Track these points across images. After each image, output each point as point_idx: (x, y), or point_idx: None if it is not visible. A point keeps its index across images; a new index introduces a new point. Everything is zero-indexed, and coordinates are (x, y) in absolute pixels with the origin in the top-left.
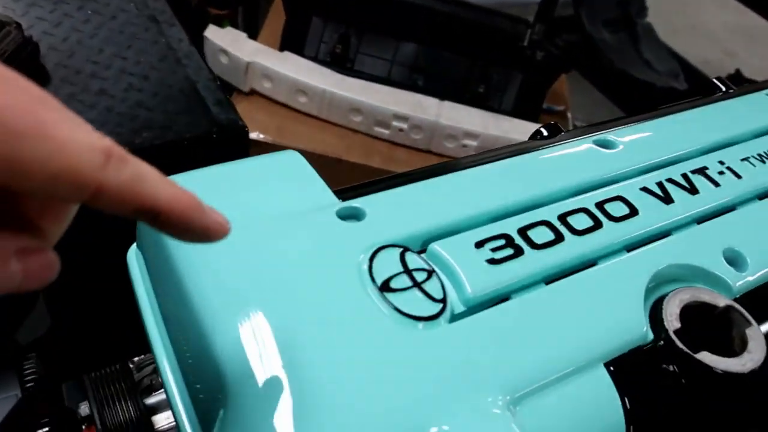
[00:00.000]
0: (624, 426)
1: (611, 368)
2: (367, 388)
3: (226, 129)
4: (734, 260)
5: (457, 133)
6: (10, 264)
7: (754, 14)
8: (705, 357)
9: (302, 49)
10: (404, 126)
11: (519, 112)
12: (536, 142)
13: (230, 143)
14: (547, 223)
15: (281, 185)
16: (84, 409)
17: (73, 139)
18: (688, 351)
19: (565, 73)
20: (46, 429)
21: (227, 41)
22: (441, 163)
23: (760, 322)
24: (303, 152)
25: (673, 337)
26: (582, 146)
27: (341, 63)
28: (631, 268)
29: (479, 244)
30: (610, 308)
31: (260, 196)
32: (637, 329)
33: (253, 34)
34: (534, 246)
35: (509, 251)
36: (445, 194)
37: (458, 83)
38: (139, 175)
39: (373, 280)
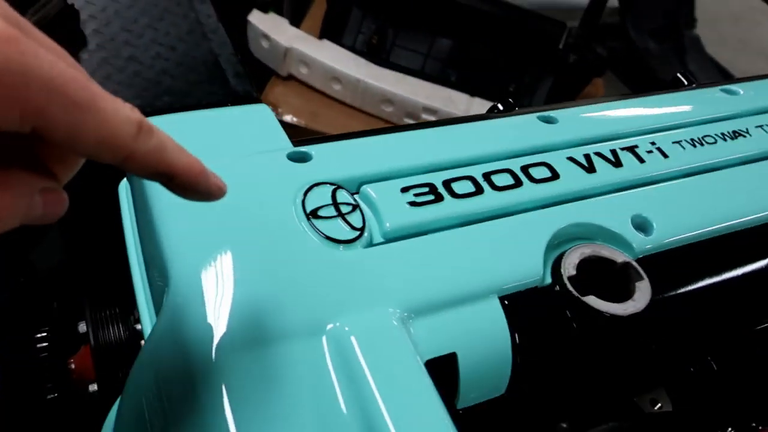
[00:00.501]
0: (510, 356)
1: (505, 302)
2: (287, 289)
3: (240, 99)
4: (642, 225)
5: None
6: (35, 199)
7: None
8: (591, 300)
9: (341, 38)
10: (433, 119)
11: None
12: (487, 114)
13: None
14: (470, 178)
15: (246, 131)
16: (81, 327)
17: (116, 112)
18: (577, 294)
19: (597, 77)
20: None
21: (269, 26)
22: (394, 125)
23: (653, 279)
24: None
25: (566, 282)
26: (525, 120)
27: (377, 54)
28: (541, 221)
29: (405, 189)
30: (514, 251)
31: (226, 139)
32: (534, 271)
33: (297, 22)
34: (454, 195)
35: (430, 197)
36: (386, 148)
37: (490, 81)
38: (162, 145)
39: (304, 209)
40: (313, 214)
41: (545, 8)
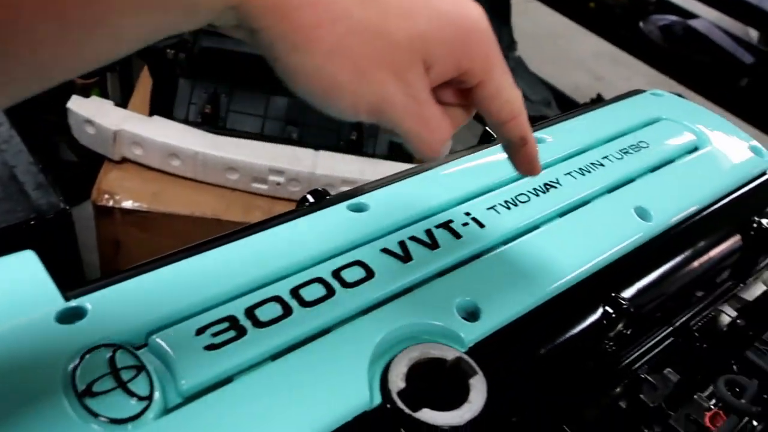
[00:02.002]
0: None
1: None
2: None
3: (45, 213)
4: (468, 311)
5: (335, 181)
6: (450, 125)
7: None
8: (425, 415)
9: (171, 113)
10: (281, 180)
11: (393, 154)
12: (296, 211)
13: (52, 227)
14: (277, 299)
15: (6, 290)
16: None
17: (514, 84)
18: (408, 411)
19: None
20: None
21: (92, 111)
22: (177, 250)
23: (487, 371)
24: (179, 216)
25: (396, 398)
26: (334, 212)
27: (213, 123)
28: (360, 333)
29: (200, 331)
30: (335, 377)
31: None
32: (358, 396)
33: (123, 102)
34: (258, 324)
35: (231, 334)
36: (174, 283)
37: (332, 132)
38: (527, 119)
39: (75, 388)
40: (86, 393)
41: None
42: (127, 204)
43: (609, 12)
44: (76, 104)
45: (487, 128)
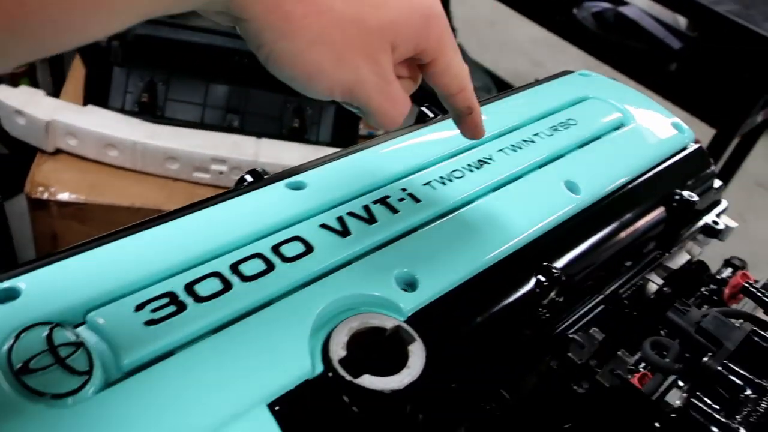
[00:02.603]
0: None
1: (276, 408)
2: None
3: None
4: (406, 281)
5: (278, 169)
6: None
7: None
8: (365, 380)
9: (107, 102)
10: (224, 168)
11: (337, 141)
12: (234, 190)
13: None
14: (216, 274)
15: None
16: None
17: (462, 60)
18: (349, 377)
19: None
20: None
21: (22, 101)
22: (113, 231)
23: (426, 336)
24: (120, 208)
25: (337, 365)
26: (273, 191)
27: (150, 112)
28: (300, 305)
29: (140, 307)
30: (276, 348)
31: None
32: (299, 364)
33: (55, 91)
34: (199, 299)
35: (171, 309)
36: (112, 261)
37: (274, 120)
38: (472, 90)
39: (11, 366)
40: (23, 370)
41: None
42: (63, 196)
43: None
44: (5, 94)
45: (422, 108)
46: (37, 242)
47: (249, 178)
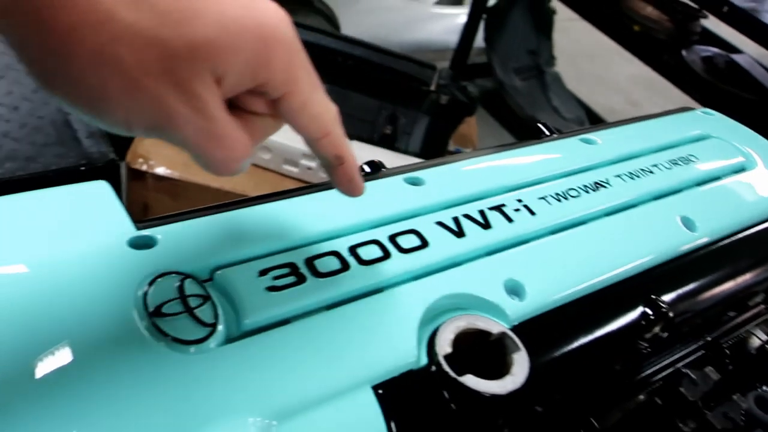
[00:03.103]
0: None
1: (379, 391)
2: (127, 407)
3: (96, 161)
4: (515, 290)
5: None
6: (250, 142)
7: None
8: (468, 380)
9: None
10: (312, 164)
11: (425, 153)
12: None
13: (100, 176)
14: (335, 254)
15: (82, 214)
16: None
17: (327, 97)
18: (453, 374)
19: (469, 116)
20: None
21: None
22: (249, 197)
23: (530, 348)
24: (210, 188)
25: (442, 361)
26: (391, 183)
27: None
28: (412, 296)
29: (263, 272)
30: (385, 333)
31: (57, 225)
32: (408, 354)
33: None
34: (318, 275)
35: (292, 279)
36: (242, 225)
37: (367, 124)
38: (344, 134)
39: (146, 306)
40: (156, 313)
41: (418, 50)
42: (160, 170)
43: (652, 37)
44: None
45: (538, 125)
46: (128, 209)
47: (367, 168)
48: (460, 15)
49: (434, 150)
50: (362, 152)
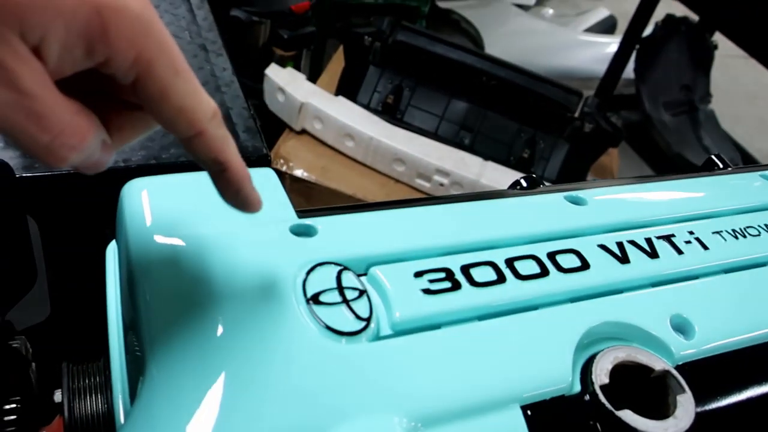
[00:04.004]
0: None
1: (528, 412)
2: (278, 387)
3: (250, 154)
4: (682, 327)
5: None
6: (100, 142)
7: None
8: (627, 416)
9: (356, 96)
10: (445, 181)
11: (562, 180)
12: (510, 191)
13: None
14: (492, 264)
15: None
16: (57, 396)
17: (201, 92)
18: (611, 407)
19: (614, 148)
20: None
21: (285, 80)
22: (407, 198)
23: (695, 391)
24: (342, 194)
25: (598, 391)
26: (551, 199)
27: (391, 113)
28: (569, 319)
29: (419, 274)
30: (539, 353)
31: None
32: (562, 378)
33: (314, 78)
34: (473, 283)
35: (447, 284)
36: (398, 224)
37: (504, 146)
38: (226, 137)
39: (305, 292)
40: (314, 299)
41: (562, 76)
42: (298, 172)
43: None
44: (274, 72)
45: (711, 156)
46: None
47: (524, 182)
48: (610, 44)
49: (571, 179)
50: (496, 173)
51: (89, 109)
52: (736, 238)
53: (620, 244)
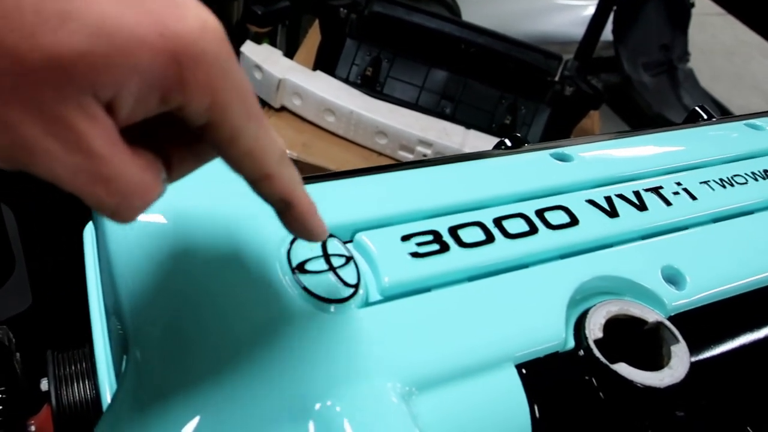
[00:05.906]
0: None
1: (523, 371)
2: (267, 359)
3: None
4: (673, 278)
5: None
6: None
7: None
8: (622, 368)
9: (334, 70)
10: (428, 152)
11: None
12: (495, 151)
13: None
14: (480, 224)
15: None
16: (44, 385)
17: (272, 134)
18: (605, 361)
19: (594, 110)
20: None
21: (262, 57)
22: (390, 164)
23: (689, 341)
24: (325, 170)
25: (592, 346)
26: (536, 157)
27: (371, 85)
28: (560, 275)
29: (406, 238)
30: (531, 311)
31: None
32: (555, 334)
33: (290, 53)
34: (462, 244)
35: (435, 247)
36: (383, 189)
37: (486, 113)
38: (293, 176)
39: (289, 261)
40: (299, 268)
41: (541, 41)
42: None
43: None
44: (249, 49)
45: (695, 108)
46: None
47: (508, 142)
48: (587, 7)
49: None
50: (479, 141)
51: (155, 156)
52: (724, 187)
53: (608, 199)
